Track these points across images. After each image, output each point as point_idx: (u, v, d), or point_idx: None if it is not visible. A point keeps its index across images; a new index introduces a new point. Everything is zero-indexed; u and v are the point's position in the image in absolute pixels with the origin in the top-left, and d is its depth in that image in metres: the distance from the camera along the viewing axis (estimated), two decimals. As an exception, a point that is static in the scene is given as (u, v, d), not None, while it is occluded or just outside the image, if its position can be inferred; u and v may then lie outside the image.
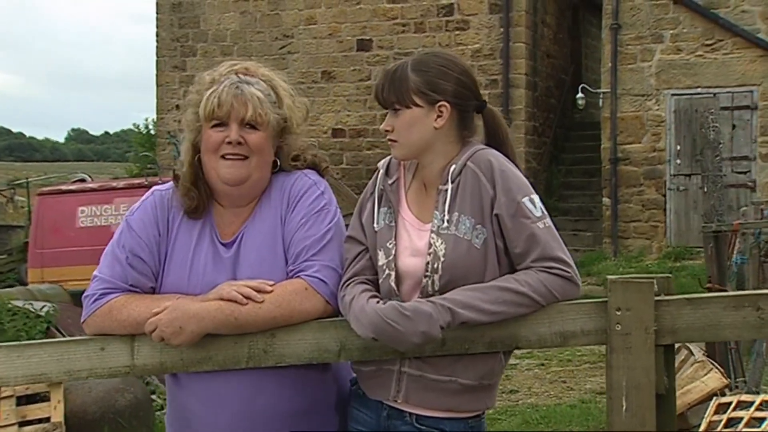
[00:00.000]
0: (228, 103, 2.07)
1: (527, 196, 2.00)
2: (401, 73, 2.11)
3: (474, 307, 1.92)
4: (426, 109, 2.08)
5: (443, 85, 2.08)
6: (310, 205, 2.15)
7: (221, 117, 2.08)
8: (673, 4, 13.13)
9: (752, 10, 12.74)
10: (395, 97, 2.10)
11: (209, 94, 2.08)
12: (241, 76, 2.15)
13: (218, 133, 2.09)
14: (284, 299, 2.02)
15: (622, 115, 13.35)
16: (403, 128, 2.11)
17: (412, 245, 2.11)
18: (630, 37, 13.34)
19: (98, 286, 2.11)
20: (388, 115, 2.15)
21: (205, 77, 2.16)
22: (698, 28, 12.96)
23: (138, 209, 2.20)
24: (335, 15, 15.41)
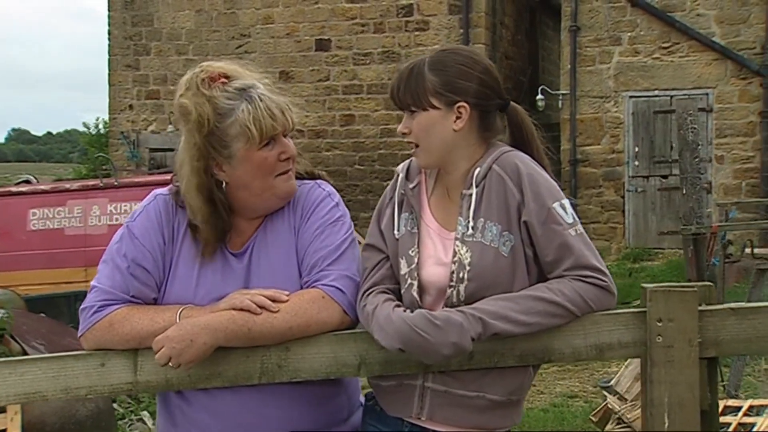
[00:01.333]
0: (280, 119, 1.95)
1: (558, 201, 1.91)
2: (418, 73, 1.99)
3: (506, 317, 1.82)
4: (444, 111, 1.97)
5: (463, 85, 1.97)
6: (325, 215, 2.05)
7: (273, 135, 1.95)
8: (630, 7, 13.27)
9: (707, 14, 12.93)
10: (411, 99, 1.98)
11: (252, 116, 1.91)
12: (257, 83, 1.98)
13: (270, 152, 1.96)
14: (300, 308, 1.91)
15: (582, 117, 13.45)
16: (421, 131, 1.99)
17: (436, 254, 2.00)
18: (588, 39, 13.44)
19: (97, 297, 1.97)
20: (405, 116, 2.03)
21: (203, 102, 1.93)
22: (655, 31, 13.12)
23: (140, 214, 2.05)
24: (293, 14, 15.22)
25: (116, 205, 9.54)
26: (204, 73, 1.95)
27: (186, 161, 1.97)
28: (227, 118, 1.92)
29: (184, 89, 1.96)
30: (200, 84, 1.93)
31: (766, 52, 12.58)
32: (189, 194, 1.98)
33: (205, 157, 1.94)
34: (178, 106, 1.96)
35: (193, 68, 1.99)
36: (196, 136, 1.93)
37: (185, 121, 1.95)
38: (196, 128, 1.92)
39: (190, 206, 1.99)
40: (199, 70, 1.97)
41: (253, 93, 1.94)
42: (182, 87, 1.97)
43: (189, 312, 1.92)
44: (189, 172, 1.97)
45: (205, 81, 1.94)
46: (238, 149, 1.93)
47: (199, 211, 1.97)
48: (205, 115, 1.91)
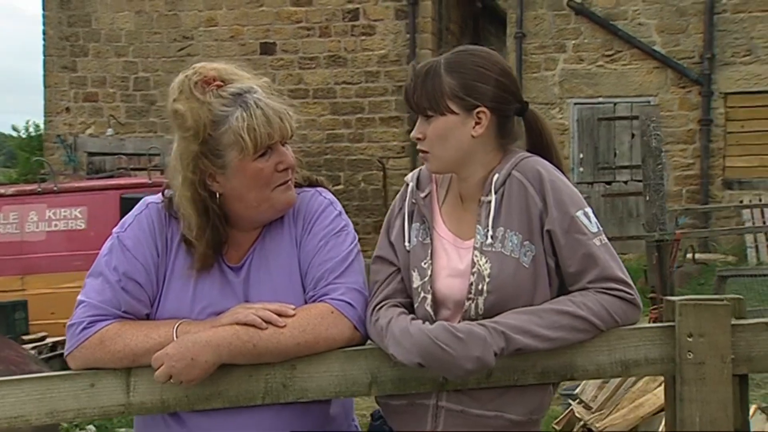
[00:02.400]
0: (277, 126, 1.81)
1: (581, 210, 1.83)
2: (434, 75, 1.89)
3: (529, 332, 1.73)
4: (462, 116, 1.88)
5: (481, 88, 1.87)
6: (329, 225, 1.94)
7: (269, 144, 1.82)
8: (574, 15, 13.44)
9: (648, 23, 13.18)
10: (428, 103, 1.89)
11: (246, 125, 1.77)
12: (253, 87, 1.85)
13: (266, 162, 1.83)
14: (309, 324, 1.80)
15: (527, 124, 13.53)
16: (436, 138, 1.90)
17: (450, 265, 1.91)
18: (534, 46, 13.56)
19: (86, 313, 1.83)
20: (419, 121, 1.93)
21: (197, 108, 1.79)
22: (598, 39, 13.31)
23: (131, 224, 1.92)
24: (237, 17, 14.98)
25: (55, 211, 9.19)
26: (197, 76, 1.83)
27: (179, 170, 1.85)
28: (221, 125, 1.79)
29: (177, 93, 1.83)
30: (194, 88, 1.81)
31: (704, 62, 12.88)
32: (182, 206, 1.86)
33: (199, 167, 1.82)
34: (172, 112, 1.83)
35: (185, 70, 1.86)
36: (192, 144, 1.80)
37: (180, 128, 1.82)
38: (192, 136, 1.80)
39: (184, 218, 1.87)
40: (192, 72, 1.84)
41: (249, 99, 1.81)
42: (175, 91, 1.83)
43: (186, 327, 1.81)
44: (182, 183, 1.84)
45: (198, 84, 1.81)
46: (232, 159, 1.81)
47: (193, 223, 1.85)
48: (201, 122, 1.78)
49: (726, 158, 12.88)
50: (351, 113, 14.10)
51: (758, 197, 12.45)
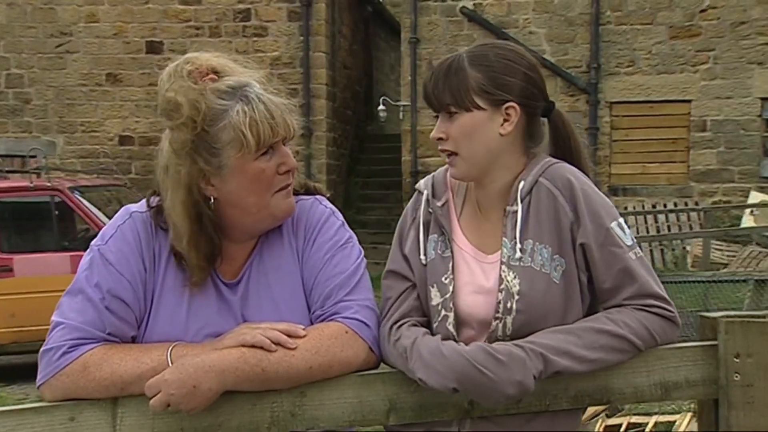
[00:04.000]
0: (281, 124, 1.66)
1: (615, 221, 1.71)
2: (457, 69, 1.74)
3: (568, 353, 1.60)
4: (489, 112, 1.73)
5: (509, 81, 1.73)
6: (334, 237, 1.77)
7: (272, 143, 1.66)
8: (467, 22, 13.59)
9: (538, 32, 13.49)
10: (451, 98, 1.73)
11: (248, 119, 1.61)
12: (251, 81, 1.69)
13: (267, 162, 1.66)
14: (322, 345, 1.62)
15: (422, 129, 13.57)
16: (461, 136, 1.73)
17: (474, 281, 1.75)
18: (428, 52, 13.60)
19: (66, 336, 1.60)
20: (440, 119, 1.77)
21: (195, 96, 1.63)
22: (491, 47, 13.49)
23: (113, 236, 1.70)
24: (120, 14, 14.30)
25: None
26: (190, 65, 1.66)
27: (171, 168, 1.65)
28: (219, 120, 1.62)
29: (168, 82, 1.65)
30: (187, 76, 1.64)
31: (591, 71, 13.29)
32: (174, 210, 1.66)
33: (196, 162, 1.63)
34: (164, 101, 1.64)
35: (174, 60, 1.70)
36: (187, 134, 1.62)
37: (173, 118, 1.63)
38: (188, 126, 1.61)
39: (175, 226, 1.67)
40: (183, 61, 1.68)
41: (250, 92, 1.65)
42: (166, 80, 1.66)
43: (182, 350, 1.60)
44: (175, 184, 1.65)
45: (192, 74, 1.64)
46: (229, 158, 1.63)
47: (184, 232, 1.66)
48: (198, 110, 1.61)
49: (612, 165, 13.33)
50: (243, 116, 13.71)
51: (641, 203, 12.95)
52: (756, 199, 12.28)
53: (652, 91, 13.16)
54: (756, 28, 12.98)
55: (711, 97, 13.07)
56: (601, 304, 1.72)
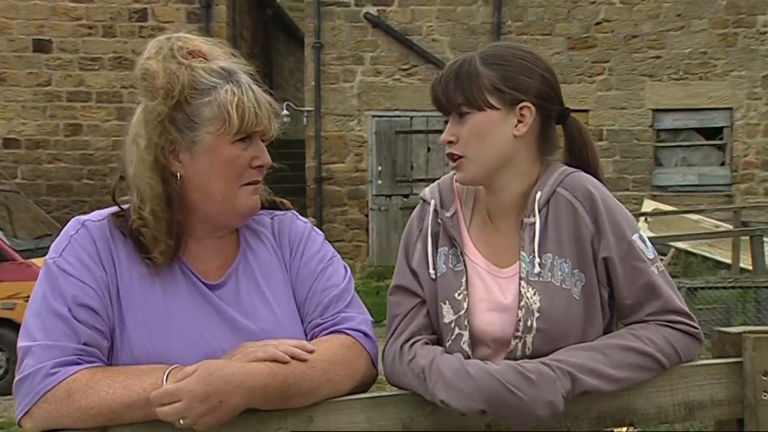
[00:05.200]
0: (265, 116, 1.63)
1: (636, 234, 1.64)
2: (470, 68, 1.66)
3: (595, 371, 1.51)
4: (503, 112, 1.65)
5: (525, 81, 1.65)
6: (320, 252, 1.76)
7: (253, 131, 1.63)
8: (371, 28, 13.51)
9: (442, 40, 13.56)
10: (463, 97, 1.64)
11: (236, 99, 1.58)
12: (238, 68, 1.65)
13: (243, 151, 1.63)
14: (336, 355, 1.58)
15: (326, 135, 13.41)
16: (473, 137, 1.65)
17: (490, 297, 1.65)
18: (332, 57, 13.46)
19: (42, 358, 1.47)
20: (450, 122, 1.69)
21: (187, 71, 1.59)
22: (395, 53, 13.48)
23: (67, 247, 1.59)
24: (4, 9, 13.47)
25: None
26: (181, 42, 1.63)
27: (141, 135, 1.60)
28: (204, 95, 1.59)
29: (153, 52, 1.62)
30: (177, 51, 1.61)
31: (493, 80, 13.47)
32: (140, 179, 1.59)
33: (166, 132, 1.58)
34: (141, 71, 1.61)
35: (161, 35, 1.67)
36: (161, 105, 1.58)
37: (147, 89, 1.60)
38: (163, 97, 1.57)
39: (140, 192, 1.59)
40: (175, 38, 1.64)
41: (242, 79, 1.63)
42: (150, 50, 1.62)
43: (180, 374, 1.46)
44: (144, 148, 1.59)
45: (182, 50, 1.62)
46: (205, 135, 1.60)
47: (148, 198, 1.58)
48: (177, 83, 1.57)
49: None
50: (139, 119, 13.17)
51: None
52: (649, 207, 12.72)
53: (551, 100, 13.45)
54: (647, 42, 13.48)
55: (607, 108, 13.48)
56: (622, 320, 1.65)
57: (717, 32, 13.45)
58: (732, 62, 13.38)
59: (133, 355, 1.53)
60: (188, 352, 1.53)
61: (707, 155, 13.69)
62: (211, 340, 1.57)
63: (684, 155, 13.65)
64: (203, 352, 1.53)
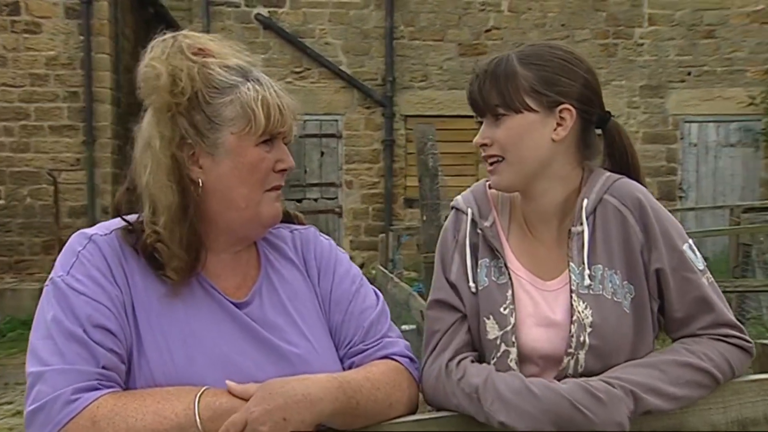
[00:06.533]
0: (288, 116, 1.55)
1: (686, 243, 1.56)
2: (507, 68, 1.57)
3: (656, 390, 1.43)
4: (542, 115, 1.57)
5: (565, 83, 1.57)
6: (351, 272, 1.68)
7: (278, 132, 1.54)
8: (263, 29, 13.22)
9: (335, 43, 13.43)
10: (499, 98, 1.57)
11: (261, 97, 1.49)
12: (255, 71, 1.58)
13: (267, 153, 1.53)
14: (395, 380, 1.52)
15: (217, 138, 13.00)
16: (509, 141, 1.57)
17: (538, 312, 1.55)
18: (222, 59, 13.05)
19: (59, 384, 1.33)
20: (484, 124, 1.61)
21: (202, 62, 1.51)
22: (287, 56, 13.24)
23: (74, 264, 1.46)
24: None
25: None
26: (190, 40, 1.55)
27: (155, 136, 1.49)
28: (225, 94, 1.50)
29: (157, 53, 1.52)
30: (186, 49, 1.52)
31: (386, 84, 13.45)
32: (156, 182, 1.47)
33: (177, 129, 1.48)
34: (144, 72, 1.52)
35: (164, 34, 1.58)
36: (170, 98, 1.48)
37: (153, 88, 1.49)
38: (169, 91, 1.48)
39: (153, 201, 1.47)
40: (182, 36, 1.56)
41: (262, 78, 1.56)
42: (153, 52, 1.53)
43: (213, 397, 1.37)
44: (160, 148, 1.48)
45: (192, 47, 1.52)
46: (228, 136, 1.49)
47: (165, 208, 1.46)
48: (185, 79, 1.47)
49: (407, 178, 13.56)
50: (14, 119, 12.35)
51: (435, 214, 13.26)
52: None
53: (443, 106, 13.57)
54: (535, 50, 13.82)
55: (497, 114, 13.72)
56: (671, 334, 1.56)
57: (599, 43, 13.96)
58: (613, 72, 13.91)
59: (153, 379, 1.41)
60: (215, 375, 1.43)
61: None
62: (240, 362, 1.46)
63: (570, 161, 14.09)
64: (231, 374, 1.43)
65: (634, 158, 1.69)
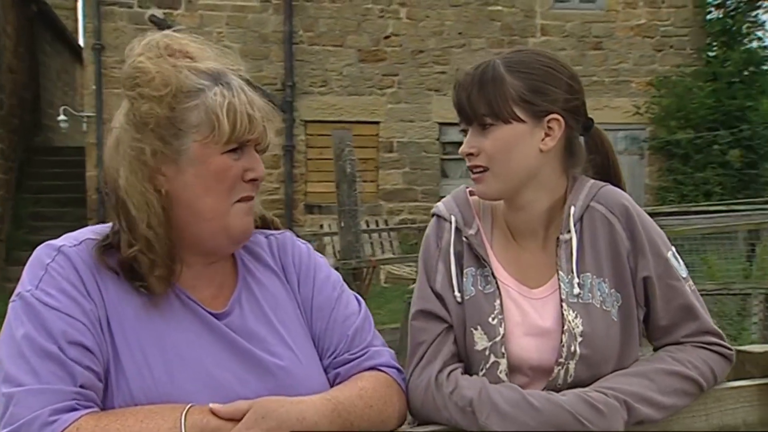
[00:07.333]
0: (259, 122, 1.44)
1: (670, 250, 1.57)
2: (494, 75, 1.52)
3: (648, 399, 1.43)
4: (530, 125, 1.53)
5: (552, 91, 1.54)
6: (331, 277, 1.61)
7: (246, 139, 1.43)
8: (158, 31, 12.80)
9: (233, 46, 12.98)
10: (487, 108, 1.52)
11: (227, 103, 1.40)
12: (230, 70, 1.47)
13: (234, 161, 1.43)
14: (385, 395, 1.47)
15: (109, 142, 12.52)
16: (497, 151, 1.52)
17: (525, 320, 1.52)
18: (115, 60, 12.57)
19: (35, 405, 1.25)
20: (470, 132, 1.56)
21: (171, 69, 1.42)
22: (183, 59, 12.91)
23: (43, 278, 1.36)
24: None
25: None
26: (167, 39, 1.48)
27: (124, 144, 1.40)
28: (190, 98, 1.40)
29: (145, 50, 1.45)
30: (163, 50, 1.45)
31: (286, 89, 13.32)
32: (133, 187, 1.38)
33: (148, 143, 1.39)
34: (133, 69, 1.43)
35: (144, 35, 1.51)
36: (161, 109, 1.39)
37: (141, 89, 1.40)
38: (158, 100, 1.39)
39: (133, 206, 1.38)
40: (162, 35, 1.49)
41: (233, 82, 1.45)
42: (142, 48, 1.46)
43: (200, 415, 1.30)
44: (133, 160, 1.39)
45: (169, 48, 1.46)
46: (192, 144, 1.40)
47: (148, 213, 1.38)
48: (170, 86, 1.39)
49: (307, 183, 13.46)
50: None
51: (336, 221, 13.20)
52: (438, 216, 13.17)
53: (344, 111, 13.54)
54: (432, 57, 13.98)
55: (396, 120, 13.80)
56: (654, 341, 1.57)
57: (494, 51, 14.15)
58: (508, 80, 14.26)
59: (132, 397, 1.33)
60: (196, 391, 1.35)
61: (488, 167, 14.46)
62: (221, 376, 1.38)
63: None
64: (213, 389, 1.36)
65: (615, 165, 1.68)
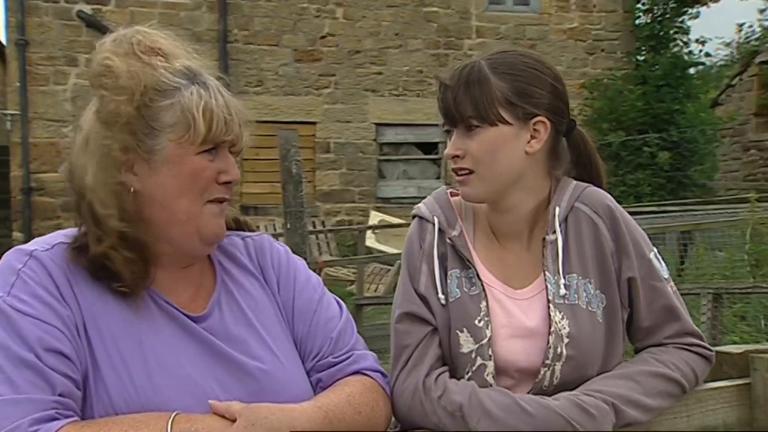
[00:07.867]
0: (235, 124, 1.42)
1: (653, 251, 1.55)
2: (480, 77, 1.49)
3: (634, 402, 1.41)
4: (516, 128, 1.50)
5: (539, 94, 1.51)
6: (311, 280, 1.59)
7: (221, 140, 1.41)
8: (86, 27, 12.47)
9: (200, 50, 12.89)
10: (473, 110, 1.48)
11: (203, 102, 1.38)
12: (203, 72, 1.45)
13: (209, 162, 1.40)
14: (371, 400, 1.46)
15: (36, 141, 12.09)
16: (483, 154, 1.49)
17: (511, 322, 1.50)
18: (40, 57, 12.18)
19: (13, 416, 1.21)
20: (455, 134, 1.52)
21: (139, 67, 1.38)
22: (114, 56, 12.57)
23: (15, 284, 1.32)
24: None
25: None
26: (141, 36, 1.43)
27: (93, 141, 1.37)
28: (165, 97, 1.38)
29: (114, 47, 1.40)
30: (136, 46, 1.41)
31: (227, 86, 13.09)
32: (102, 183, 1.36)
33: (119, 141, 1.37)
34: (101, 66, 1.39)
35: (117, 30, 1.46)
36: (126, 106, 1.36)
37: (108, 87, 1.37)
38: (128, 96, 1.36)
39: (101, 205, 1.36)
40: (134, 32, 1.44)
41: (210, 82, 1.43)
42: (110, 45, 1.41)
43: (187, 423, 1.28)
44: (102, 158, 1.36)
45: (141, 44, 1.41)
46: (166, 143, 1.38)
47: (118, 210, 1.36)
48: (140, 83, 1.37)
49: (243, 184, 13.24)
50: None
51: (272, 222, 13.04)
52: (375, 218, 13.13)
53: (280, 111, 13.38)
54: (369, 58, 13.94)
55: (333, 121, 13.71)
56: (637, 343, 1.54)
57: (431, 52, 14.29)
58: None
59: (112, 405, 1.30)
60: (178, 397, 1.32)
61: (425, 169, 14.46)
62: (202, 382, 1.36)
63: (405, 168, 14.30)
64: (195, 395, 1.34)
65: (597, 166, 1.66)
